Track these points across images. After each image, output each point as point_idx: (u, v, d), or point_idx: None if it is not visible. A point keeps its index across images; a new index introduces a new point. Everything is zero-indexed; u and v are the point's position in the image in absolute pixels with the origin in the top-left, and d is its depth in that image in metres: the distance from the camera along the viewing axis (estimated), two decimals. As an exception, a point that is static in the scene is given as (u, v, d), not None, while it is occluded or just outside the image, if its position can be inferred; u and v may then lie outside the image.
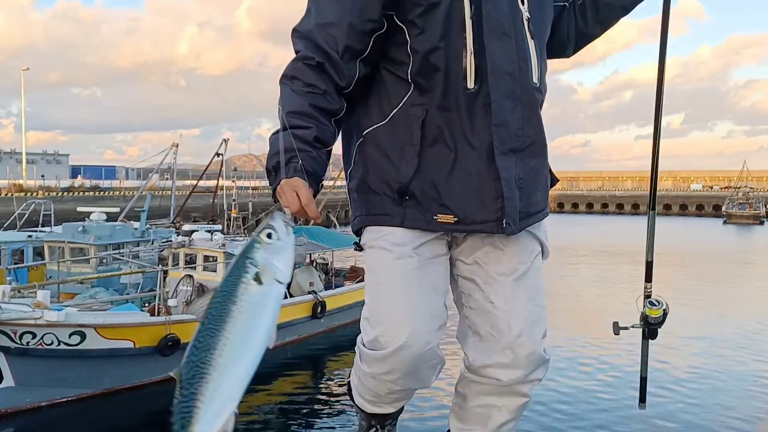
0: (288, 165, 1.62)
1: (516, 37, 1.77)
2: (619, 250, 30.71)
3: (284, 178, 1.61)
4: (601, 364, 11.99)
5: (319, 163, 1.68)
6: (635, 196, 75.08)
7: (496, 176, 1.75)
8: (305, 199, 1.59)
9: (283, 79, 1.76)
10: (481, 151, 1.75)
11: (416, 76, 1.76)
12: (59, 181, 45.82)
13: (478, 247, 1.90)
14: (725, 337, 14.48)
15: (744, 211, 55.74)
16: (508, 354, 1.87)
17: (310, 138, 1.67)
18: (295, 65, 1.75)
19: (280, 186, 1.62)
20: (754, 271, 27.13)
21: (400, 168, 1.78)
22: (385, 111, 1.83)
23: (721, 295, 20.61)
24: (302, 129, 1.67)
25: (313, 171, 1.65)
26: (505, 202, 1.76)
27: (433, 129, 1.76)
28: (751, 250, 36.74)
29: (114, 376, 10.68)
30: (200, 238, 13.55)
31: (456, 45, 1.73)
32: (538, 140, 1.86)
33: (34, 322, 9.70)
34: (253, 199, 26.17)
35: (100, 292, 12.98)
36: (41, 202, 20.08)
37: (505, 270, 1.89)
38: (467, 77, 1.74)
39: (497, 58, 1.74)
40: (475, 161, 1.75)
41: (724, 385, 11.07)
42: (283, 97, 1.74)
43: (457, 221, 1.78)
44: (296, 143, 1.63)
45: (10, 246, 14.64)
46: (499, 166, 1.74)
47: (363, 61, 1.77)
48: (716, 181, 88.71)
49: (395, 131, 1.81)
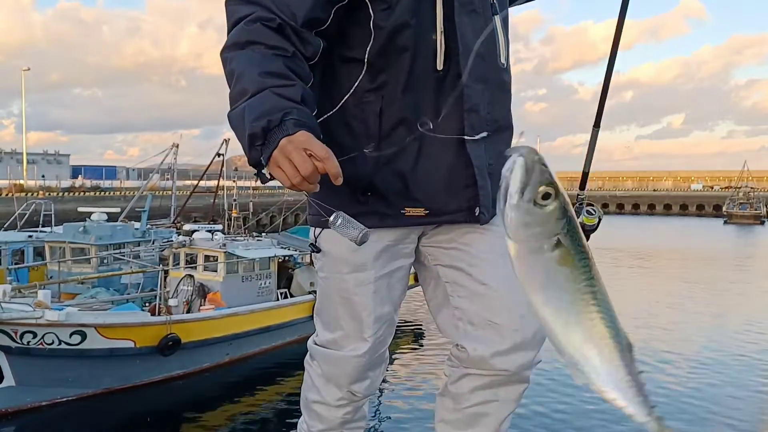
0: (283, 122, 1.29)
1: (484, 14, 1.63)
2: (618, 249, 30.69)
3: (284, 136, 1.28)
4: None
5: (315, 123, 1.38)
6: (635, 196, 75.10)
7: (468, 164, 1.61)
8: (323, 153, 1.28)
9: (231, 48, 1.43)
10: (449, 138, 1.58)
11: (376, 56, 1.56)
12: (60, 182, 45.78)
13: (453, 230, 1.74)
14: (725, 338, 14.47)
15: (745, 211, 55.72)
16: (516, 337, 1.68)
17: (297, 96, 1.35)
18: (248, 27, 1.43)
19: (278, 150, 1.28)
20: (755, 272, 27.12)
21: (357, 161, 1.56)
22: (334, 99, 1.61)
23: (722, 296, 20.59)
24: (286, 87, 1.35)
25: (315, 129, 1.35)
26: (479, 190, 1.63)
27: (393, 115, 1.58)
28: (752, 250, 36.72)
29: (114, 376, 10.69)
30: (201, 238, 13.56)
31: (426, 22, 1.55)
32: (504, 124, 1.73)
33: (35, 322, 9.71)
34: (253, 199, 26.20)
35: (101, 292, 12.99)
36: (42, 203, 20.05)
37: (489, 248, 1.71)
38: (437, 57, 1.57)
39: (468, 37, 1.58)
40: (443, 149, 1.60)
41: (724, 386, 11.06)
42: (242, 62, 1.39)
43: (428, 213, 1.64)
44: (282, 102, 1.32)
45: (10, 246, 14.64)
46: (471, 153, 1.61)
47: (320, 35, 1.51)
48: (717, 181, 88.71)
49: (348, 121, 1.61)
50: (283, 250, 14.73)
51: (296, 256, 15.27)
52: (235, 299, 12.56)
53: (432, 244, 1.77)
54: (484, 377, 1.74)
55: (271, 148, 1.29)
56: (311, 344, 1.90)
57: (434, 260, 1.79)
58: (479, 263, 1.73)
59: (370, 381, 1.84)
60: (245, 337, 12.44)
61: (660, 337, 14.35)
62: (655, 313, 17.37)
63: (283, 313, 13.34)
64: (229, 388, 11.37)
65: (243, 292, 12.93)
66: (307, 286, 14.23)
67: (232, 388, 11.37)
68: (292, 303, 13.69)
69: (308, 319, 13.88)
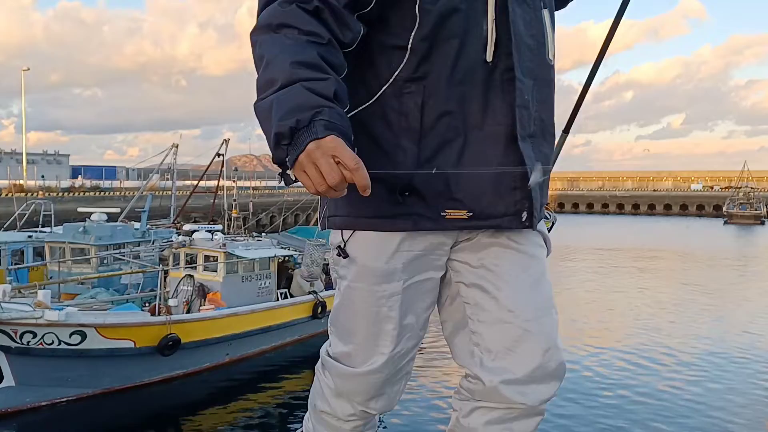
0: (312, 123, 1.19)
1: (533, 6, 1.53)
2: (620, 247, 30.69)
3: (312, 140, 1.18)
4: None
5: (348, 124, 1.26)
6: (636, 196, 75.10)
7: (518, 164, 1.47)
8: (351, 163, 1.18)
9: (262, 31, 1.33)
10: (497, 134, 1.46)
11: (420, 43, 1.43)
12: (60, 182, 45.81)
13: (484, 247, 1.58)
14: (726, 338, 14.47)
15: (745, 212, 55.75)
16: (537, 370, 1.54)
17: (329, 92, 1.24)
18: (282, 9, 1.32)
19: (305, 154, 1.19)
20: (756, 272, 27.11)
21: (397, 157, 1.45)
22: (372, 88, 1.47)
23: (722, 296, 20.58)
24: (318, 81, 1.24)
25: (346, 132, 1.23)
26: (531, 192, 1.49)
27: (436, 108, 1.45)
28: (753, 250, 36.71)
29: (114, 376, 10.69)
30: (201, 238, 13.56)
31: (477, 8, 1.44)
32: (550, 124, 1.62)
33: (35, 322, 9.71)
34: (253, 200, 26.24)
35: (101, 292, 12.99)
36: (41, 203, 20.05)
37: (521, 271, 1.58)
38: (486, 47, 1.44)
39: (519, 28, 1.47)
40: (490, 147, 1.46)
41: (724, 386, 11.06)
42: (273, 48, 1.29)
43: (471, 216, 1.48)
44: (314, 98, 1.21)
45: (10, 246, 14.64)
46: (524, 152, 1.47)
47: (361, 19, 1.40)
48: (717, 181, 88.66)
49: (386, 113, 1.47)
50: (283, 251, 14.73)
51: (296, 257, 15.26)
52: (235, 299, 12.56)
53: (459, 259, 1.61)
54: (499, 410, 1.60)
55: (298, 151, 1.19)
56: (324, 354, 1.72)
57: (457, 276, 1.63)
58: (507, 287, 1.57)
59: (387, 398, 1.69)
60: (245, 337, 12.45)
61: (660, 337, 14.34)
62: (655, 313, 17.37)
63: (283, 313, 13.35)
64: (229, 388, 11.37)
65: (243, 292, 12.93)
66: (307, 287, 14.23)
67: (232, 388, 11.37)
68: (291, 303, 13.70)
69: (308, 319, 13.90)
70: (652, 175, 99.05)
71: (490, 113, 1.44)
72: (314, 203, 25.44)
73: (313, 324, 14.01)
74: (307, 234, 16.72)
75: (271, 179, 60.31)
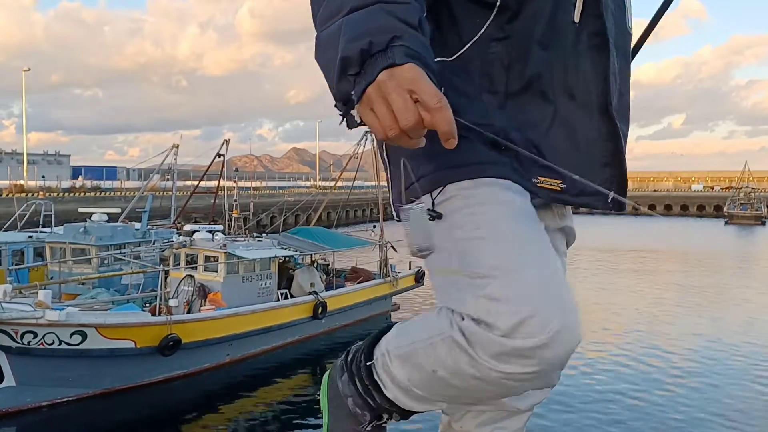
0: (390, 47, 0.96)
1: None
2: (619, 248, 30.69)
3: (386, 67, 0.95)
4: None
5: (432, 56, 1.03)
6: (635, 196, 75.12)
7: (610, 137, 1.30)
8: (433, 101, 0.93)
9: None
10: (587, 104, 1.30)
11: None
12: (60, 182, 45.90)
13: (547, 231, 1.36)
14: (726, 338, 14.47)
15: (745, 212, 55.75)
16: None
17: (414, 18, 1.02)
18: None
19: (374, 85, 0.95)
20: (756, 273, 27.10)
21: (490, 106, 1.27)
22: (452, 48, 1.30)
23: (722, 296, 20.59)
24: (400, 5, 1.02)
25: (430, 65, 0.99)
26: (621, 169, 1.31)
27: (523, 71, 1.29)
28: (754, 251, 36.70)
29: (115, 376, 10.70)
30: (201, 238, 13.57)
31: None
32: (627, 101, 1.43)
33: (36, 322, 9.71)
34: (254, 200, 26.25)
35: (102, 292, 13.01)
36: (42, 203, 20.06)
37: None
38: (575, 8, 1.28)
39: None
40: (581, 117, 1.30)
41: (724, 386, 11.06)
42: None
43: (563, 189, 1.30)
44: (394, 21, 0.99)
45: (10, 246, 14.65)
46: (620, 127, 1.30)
47: None
48: (717, 181, 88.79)
49: (468, 73, 1.29)
50: (283, 251, 14.73)
51: (296, 257, 15.27)
52: (235, 300, 12.57)
53: None
54: (490, 412, 1.46)
55: (367, 81, 0.95)
56: (459, 320, 1.12)
57: None
58: None
59: None
60: (246, 337, 12.45)
61: (660, 337, 14.35)
62: (655, 313, 17.37)
63: (284, 313, 13.35)
64: (229, 388, 11.37)
65: (243, 292, 12.94)
66: (308, 287, 14.24)
67: (232, 389, 11.37)
68: (292, 303, 13.70)
69: (309, 319, 13.91)
70: (652, 176, 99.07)
71: (582, 81, 1.29)
72: (314, 204, 25.41)
73: (313, 324, 14.02)
74: (308, 234, 16.72)
75: (271, 179, 60.15)
